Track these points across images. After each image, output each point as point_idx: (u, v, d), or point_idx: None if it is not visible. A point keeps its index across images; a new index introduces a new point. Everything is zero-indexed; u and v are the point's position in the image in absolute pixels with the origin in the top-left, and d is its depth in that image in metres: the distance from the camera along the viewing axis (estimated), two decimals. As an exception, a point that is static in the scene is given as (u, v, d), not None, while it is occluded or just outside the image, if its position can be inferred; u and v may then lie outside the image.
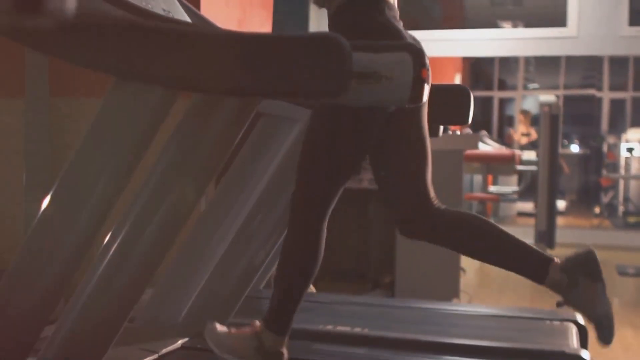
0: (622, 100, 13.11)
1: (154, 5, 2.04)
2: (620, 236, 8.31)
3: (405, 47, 1.49)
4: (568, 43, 7.71)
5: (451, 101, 2.19)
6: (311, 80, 1.36)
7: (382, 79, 1.44)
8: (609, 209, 10.89)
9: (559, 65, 13.50)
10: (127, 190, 1.60)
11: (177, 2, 2.31)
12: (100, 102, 1.57)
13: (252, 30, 3.78)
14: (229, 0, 3.55)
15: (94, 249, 1.67)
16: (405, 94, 1.47)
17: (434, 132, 2.56)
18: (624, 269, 5.85)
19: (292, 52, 1.36)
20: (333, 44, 1.35)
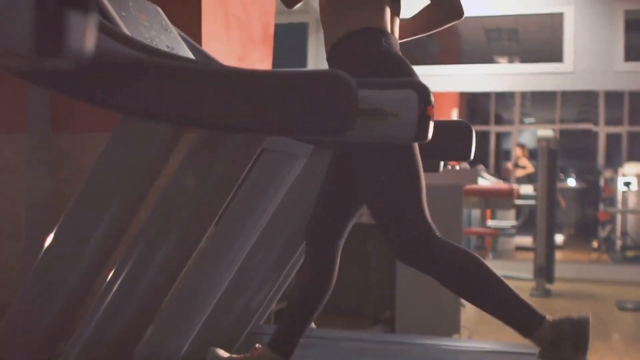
0: (618, 135, 13.17)
1: (158, 42, 2.06)
2: (618, 270, 8.30)
3: (411, 84, 1.50)
4: (564, 78, 7.77)
5: (453, 137, 2.20)
6: (317, 117, 1.37)
7: (387, 116, 1.45)
8: (606, 243, 10.87)
9: (555, 100, 13.59)
10: (132, 225, 1.60)
11: (180, 39, 2.33)
12: (107, 138, 1.57)
13: (252, 66, 3.81)
14: (229, 36, 3.57)
15: (98, 285, 1.66)
16: (411, 131, 1.48)
17: (435, 167, 2.57)
18: (623, 304, 5.83)
19: (298, 89, 1.37)
20: (339, 81, 1.36)
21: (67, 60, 0.67)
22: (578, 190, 14.36)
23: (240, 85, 1.40)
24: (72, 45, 0.66)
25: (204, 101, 1.42)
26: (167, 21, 2.32)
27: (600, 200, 12.11)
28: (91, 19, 0.67)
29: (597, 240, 11.08)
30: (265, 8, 4.01)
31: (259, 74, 1.40)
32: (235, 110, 1.40)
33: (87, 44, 0.68)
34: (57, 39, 0.64)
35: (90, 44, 0.68)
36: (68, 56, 0.67)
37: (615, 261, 9.60)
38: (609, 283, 7.54)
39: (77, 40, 0.66)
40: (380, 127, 1.46)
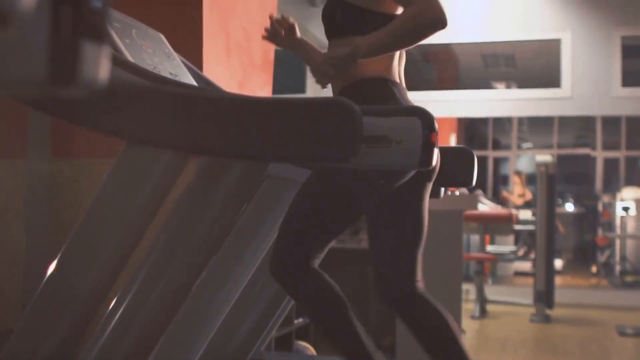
0: (615, 160, 13.21)
1: (161, 69, 2.07)
2: (618, 296, 8.28)
3: (415, 112, 1.50)
4: (562, 103, 7.81)
5: (455, 163, 2.20)
6: (322, 144, 1.37)
7: (392, 143, 1.45)
8: (606, 268, 10.85)
9: (552, 125, 13.64)
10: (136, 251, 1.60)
11: (183, 66, 2.34)
12: (108, 164, 1.58)
13: (253, 91, 3.82)
14: (230, 62, 3.59)
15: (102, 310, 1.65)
16: (415, 158, 1.48)
17: (436, 193, 2.58)
18: (623, 330, 5.81)
19: (304, 116, 1.38)
20: (344, 108, 1.37)
21: (81, 89, 0.67)
22: (576, 215, 14.36)
23: (245, 112, 1.41)
24: (86, 74, 0.66)
25: (209, 128, 1.43)
26: (170, 48, 2.34)
27: (599, 225, 12.11)
28: (105, 49, 0.68)
29: (596, 265, 11.07)
30: (266, 34, 4.04)
31: (264, 101, 1.41)
32: (240, 138, 1.41)
33: (102, 74, 0.68)
34: (71, 68, 0.65)
35: (105, 74, 0.68)
36: (82, 85, 0.67)
37: (615, 286, 9.58)
38: (609, 308, 7.52)
39: (91, 69, 0.66)
40: (385, 154, 1.46)
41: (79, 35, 0.65)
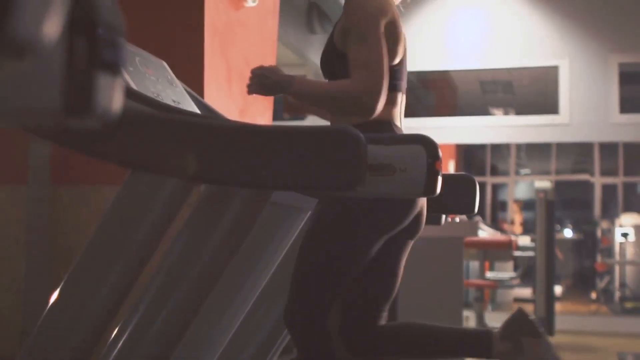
0: (613, 186, 13.22)
1: (164, 97, 2.08)
2: (618, 322, 8.25)
3: (419, 140, 1.51)
4: (560, 130, 7.83)
5: (457, 190, 2.20)
6: (327, 173, 1.37)
7: (396, 171, 1.46)
8: (605, 294, 10.82)
9: (550, 151, 13.67)
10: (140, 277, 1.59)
11: (185, 93, 2.35)
12: (108, 191, 1.58)
13: (253, 118, 3.84)
14: (231, 89, 3.61)
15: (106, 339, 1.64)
16: (419, 186, 1.49)
17: (437, 220, 2.58)
18: (624, 357, 5.79)
19: (309, 145, 1.38)
20: (349, 137, 1.37)
21: (95, 120, 0.67)
22: (575, 241, 14.35)
23: (250, 140, 1.41)
24: (100, 105, 0.66)
25: (213, 156, 1.43)
26: (173, 75, 2.35)
27: (598, 251, 12.09)
28: (119, 80, 0.68)
29: (595, 292, 11.04)
30: (266, 61, 4.06)
31: (268, 129, 1.41)
32: (244, 166, 1.41)
33: (115, 105, 0.68)
34: (86, 99, 0.65)
35: (118, 105, 0.69)
36: (96, 117, 0.67)
37: (615, 312, 9.54)
38: (609, 335, 7.49)
39: (106, 100, 0.66)
40: (389, 182, 1.47)
41: (94, 66, 0.65)
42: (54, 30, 0.46)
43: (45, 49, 0.47)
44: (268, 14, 4.03)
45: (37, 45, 0.45)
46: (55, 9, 0.45)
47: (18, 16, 0.42)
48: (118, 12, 0.68)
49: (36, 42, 0.44)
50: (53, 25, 0.46)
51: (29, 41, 0.43)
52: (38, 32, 0.44)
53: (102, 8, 0.65)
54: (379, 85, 1.86)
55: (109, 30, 0.65)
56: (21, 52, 0.45)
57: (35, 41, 0.44)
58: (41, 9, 0.44)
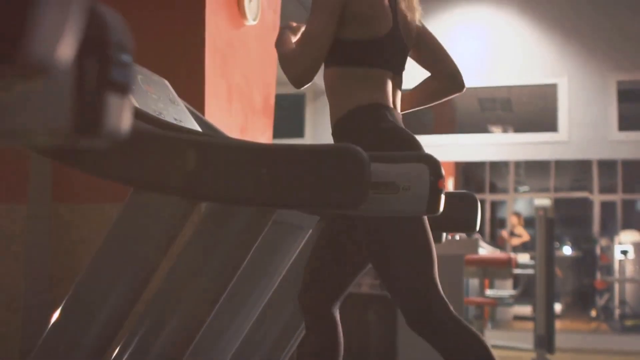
0: (612, 203, 13.21)
1: (166, 115, 2.08)
2: (618, 340, 8.22)
3: (422, 158, 1.51)
4: (560, 147, 7.85)
5: (458, 208, 2.20)
6: (330, 192, 1.37)
7: (399, 189, 1.46)
8: (605, 312, 10.79)
9: (549, 168, 13.68)
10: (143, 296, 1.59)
11: (187, 111, 2.36)
12: (109, 209, 1.58)
13: (253, 136, 3.84)
14: (232, 107, 3.61)
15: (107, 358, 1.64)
16: (422, 204, 1.49)
17: (438, 238, 2.58)
18: (625, 375, 5.77)
19: (312, 163, 1.38)
20: (352, 155, 1.37)
21: (104, 140, 0.68)
22: (574, 259, 14.33)
23: (253, 159, 1.41)
24: (109, 125, 0.67)
25: (216, 175, 1.43)
26: (174, 94, 2.35)
27: (597, 269, 12.07)
28: (128, 100, 0.68)
29: (595, 309, 11.01)
30: (267, 79, 4.07)
31: (271, 147, 1.42)
32: (247, 184, 1.41)
33: (124, 124, 0.68)
34: (95, 119, 0.65)
35: (127, 124, 0.69)
36: (105, 136, 0.67)
37: (615, 330, 9.52)
38: (609, 353, 7.46)
39: (115, 120, 0.66)
40: (392, 201, 1.47)
41: (104, 86, 0.65)
42: (68, 52, 0.47)
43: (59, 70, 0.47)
44: (268, 32, 4.05)
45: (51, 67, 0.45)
46: (69, 30, 0.45)
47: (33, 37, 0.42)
48: (127, 32, 0.69)
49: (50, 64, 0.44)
50: (67, 47, 0.46)
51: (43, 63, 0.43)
52: (53, 54, 0.44)
53: (113, 29, 0.65)
54: (303, 57, 1.97)
55: (119, 51, 0.65)
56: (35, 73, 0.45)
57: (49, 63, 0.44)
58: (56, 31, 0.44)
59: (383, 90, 2.05)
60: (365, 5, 2.02)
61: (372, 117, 1.99)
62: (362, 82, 2.03)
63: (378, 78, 2.05)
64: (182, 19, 3.40)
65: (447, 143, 8.35)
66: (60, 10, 0.43)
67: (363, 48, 2.03)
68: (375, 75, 2.04)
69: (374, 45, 2.04)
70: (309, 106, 8.52)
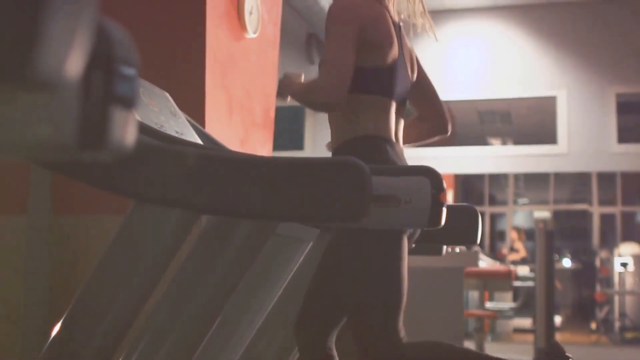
0: (611, 215, 13.21)
1: (167, 128, 2.09)
2: (619, 353, 8.21)
3: (423, 171, 1.51)
4: (559, 160, 7.86)
5: (459, 221, 2.20)
6: (332, 204, 1.37)
7: (401, 202, 1.46)
8: (605, 324, 10.77)
9: (548, 181, 13.69)
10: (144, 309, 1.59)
11: (188, 124, 2.36)
12: (110, 221, 1.58)
13: (254, 149, 3.84)
14: (232, 120, 3.62)
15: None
16: (424, 217, 1.49)
17: (438, 251, 2.58)
18: (626, 388, 5.76)
19: (313, 176, 1.38)
20: (353, 168, 1.38)
21: (108, 153, 0.68)
22: (573, 271, 14.31)
23: (255, 172, 1.41)
24: (114, 138, 0.67)
25: (218, 188, 1.43)
26: (175, 106, 2.36)
27: (597, 281, 12.05)
28: (133, 114, 0.68)
29: (595, 322, 10.99)
30: (267, 92, 4.08)
31: (273, 161, 1.42)
32: (249, 197, 1.41)
33: (129, 138, 0.69)
34: (101, 133, 0.65)
35: (132, 138, 0.69)
36: (110, 150, 0.67)
37: (615, 343, 9.50)
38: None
39: (120, 134, 0.67)
40: (394, 214, 1.47)
41: (110, 100, 0.66)
42: (76, 67, 0.47)
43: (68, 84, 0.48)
44: (269, 45, 4.06)
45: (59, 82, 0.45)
46: (78, 45, 0.46)
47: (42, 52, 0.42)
48: (132, 46, 0.69)
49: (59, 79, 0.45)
50: (76, 62, 0.46)
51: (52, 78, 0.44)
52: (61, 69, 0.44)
53: (118, 42, 0.65)
54: (331, 82, 1.93)
55: (125, 65, 0.65)
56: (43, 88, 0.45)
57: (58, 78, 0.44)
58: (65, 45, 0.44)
59: (386, 120, 2.03)
60: (376, 33, 2.02)
61: (369, 149, 1.97)
62: (366, 110, 2.01)
63: (382, 106, 2.03)
64: (182, 32, 3.41)
65: (446, 155, 8.36)
66: (69, 24, 0.44)
67: (371, 75, 2.02)
68: (380, 104, 2.02)
69: (382, 73, 2.04)
70: (308, 119, 8.53)
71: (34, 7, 0.41)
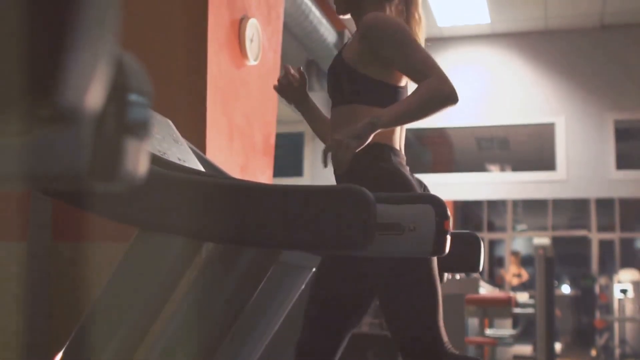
0: (610, 241, 13.19)
1: (169, 155, 2.09)
2: (619, 380, 8.15)
3: (428, 199, 1.51)
4: (558, 186, 7.86)
5: (461, 248, 2.20)
6: (336, 232, 1.37)
7: (405, 230, 1.46)
8: (605, 351, 10.71)
9: (547, 207, 13.69)
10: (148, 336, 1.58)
11: (190, 151, 2.36)
12: (110, 248, 1.57)
13: (254, 175, 3.85)
14: (233, 146, 3.63)
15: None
16: (428, 245, 1.49)
17: (440, 278, 2.57)
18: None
19: (318, 204, 1.38)
20: (358, 196, 1.38)
21: (121, 184, 0.68)
22: (573, 298, 14.26)
23: (259, 200, 1.41)
24: (127, 170, 0.67)
25: (221, 216, 1.43)
26: (177, 133, 2.36)
27: (597, 308, 12.01)
28: (145, 144, 0.69)
29: (595, 349, 10.93)
30: (267, 119, 4.09)
31: (278, 188, 1.42)
32: (253, 225, 1.41)
33: (141, 168, 0.69)
34: (114, 164, 0.65)
35: (144, 169, 0.69)
36: (122, 180, 0.68)
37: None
38: (611, 394, 7.39)
39: (133, 165, 0.67)
40: (398, 242, 1.47)
41: (123, 131, 0.66)
42: (97, 100, 0.47)
43: (87, 118, 0.48)
44: (269, 72, 4.08)
45: (80, 115, 0.45)
46: (99, 78, 0.46)
47: (65, 85, 0.42)
48: (146, 77, 0.69)
49: (81, 112, 0.45)
50: (97, 95, 0.46)
51: (73, 110, 0.44)
52: (83, 102, 0.45)
53: (132, 73, 0.66)
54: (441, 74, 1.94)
55: (138, 96, 0.66)
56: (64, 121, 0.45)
57: (79, 110, 0.45)
58: (87, 78, 0.44)
59: (393, 131, 2.07)
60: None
61: (374, 156, 2.00)
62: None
63: None
64: (184, 59, 3.43)
65: (445, 182, 8.36)
66: (91, 58, 0.44)
67: (390, 91, 2.07)
68: None
69: (397, 91, 2.09)
70: (307, 145, 8.55)
71: (58, 42, 0.41)
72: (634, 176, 7.82)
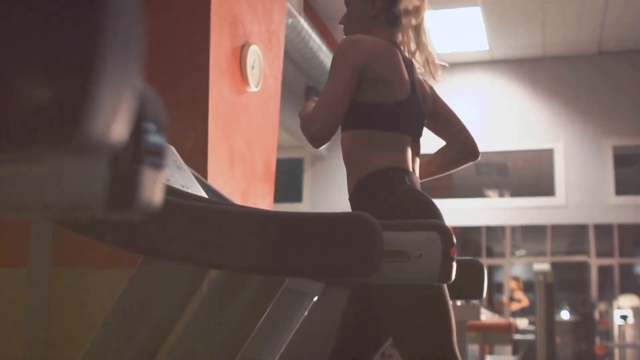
0: (609, 267, 13.16)
1: (172, 181, 2.09)
2: (620, 408, 8.10)
3: (434, 226, 1.51)
4: (557, 212, 7.87)
5: (465, 275, 2.19)
6: (342, 260, 1.37)
7: (411, 257, 1.45)
8: (606, 378, 10.65)
9: (545, 232, 13.67)
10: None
11: (193, 177, 2.37)
12: (110, 274, 1.57)
13: (255, 201, 3.85)
14: (233, 172, 3.63)
15: None
16: (434, 273, 1.48)
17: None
18: None
19: (323, 232, 1.38)
20: (364, 224, 1.38)
21: (137, 214, 0.68)
22: (572, 324, 14.18)
23: (264, 227, 1.41)
24: (144, 199, 0.67)
25: (227, 243, 1.43)
26: (180, 160, 2.37)
27: (596, 334, 11.95)
28: (161, 173, 0.69)
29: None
30: (268, 144, 4.10)
31: (284, 216, 1.42)
32: (258, 253, 1.40)
33: (157, 198, 0.69)
34: (130, 193, 0.66)
35: (159, 197, 0.69)
36: (138, 210, 0.68)
37: (616, 397, 9.38)
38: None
39: (148, 194, 0.67)
40: (404, 269, 1.46)
41: (139, 161, 0.66)
42: (122, 131, 0.47)
43: (113, 149, 0.48)
44: (270, 98, 4.10)
45: (105, 147, 0.45)
46: (124, 110, 0.46)
47: (92, 117, 0.43)
48: (161, 106, 0.70)
49: (106, 144, 0.45)
50: (122, 127, 0.47)
51: (98, 142, 0.44)
52: (108, 134, 0.45)
53: (148, 102, 0.66)
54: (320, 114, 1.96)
55: (155, 125, 0.66)
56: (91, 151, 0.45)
57: (104, 142, 0.45)
58: (113, 110, 0.45)
59: (402, 154, 2.07)
60: (384, 69, 2.05)
61: (389, 180, 2.00)
62: (381, 145, 2.04)
63: (397, 142, 2.06)
64: (186, 85, 3.44)
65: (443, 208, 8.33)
66: (117, 90, 0.44)
67: (382, 111, 2.06)
68: (394, 139, 2.06)
69: (393, 109, 2.07)
70: (307, 171, 8.55)
71: (85, 74, 0.41)
72: (632, 202, 7.84)
